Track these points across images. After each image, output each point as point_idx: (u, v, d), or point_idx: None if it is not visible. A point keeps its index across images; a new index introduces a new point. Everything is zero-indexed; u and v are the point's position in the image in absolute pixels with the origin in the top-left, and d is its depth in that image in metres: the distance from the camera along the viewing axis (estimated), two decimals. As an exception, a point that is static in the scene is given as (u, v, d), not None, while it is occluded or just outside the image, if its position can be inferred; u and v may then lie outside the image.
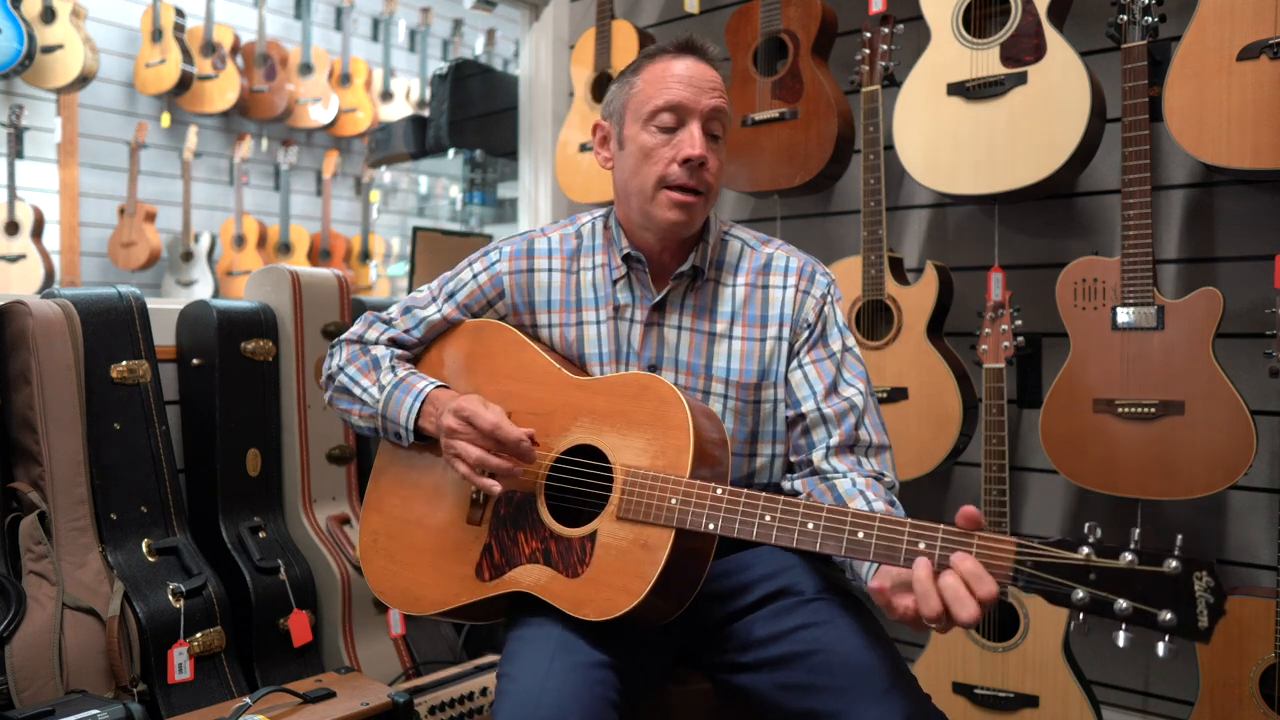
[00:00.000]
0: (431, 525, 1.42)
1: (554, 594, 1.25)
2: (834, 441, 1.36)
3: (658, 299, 1.42)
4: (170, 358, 2.20)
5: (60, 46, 3.78)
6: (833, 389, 1.39)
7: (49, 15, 3.77)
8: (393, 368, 1.48)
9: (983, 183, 2.14)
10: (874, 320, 2.34)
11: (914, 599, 1.02)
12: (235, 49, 4.51)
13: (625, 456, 1.26)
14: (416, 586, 1.41)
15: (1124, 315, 1.99)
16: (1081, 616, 0.95)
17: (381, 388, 1.45)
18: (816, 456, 1.37)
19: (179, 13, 4.29)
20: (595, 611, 1.20)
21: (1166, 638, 0.91)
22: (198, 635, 1.90)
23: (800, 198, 2.68)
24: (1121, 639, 0.93)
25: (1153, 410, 1.96)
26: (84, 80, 3.85)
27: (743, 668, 1.29)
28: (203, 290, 4.43)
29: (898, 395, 2.29)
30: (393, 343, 1.53)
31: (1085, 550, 0.94)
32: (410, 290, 3.08)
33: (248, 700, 1.58)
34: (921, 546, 1.03)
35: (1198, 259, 2.17)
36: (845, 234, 2.68)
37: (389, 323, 1.54)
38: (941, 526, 1.03)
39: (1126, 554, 0.92)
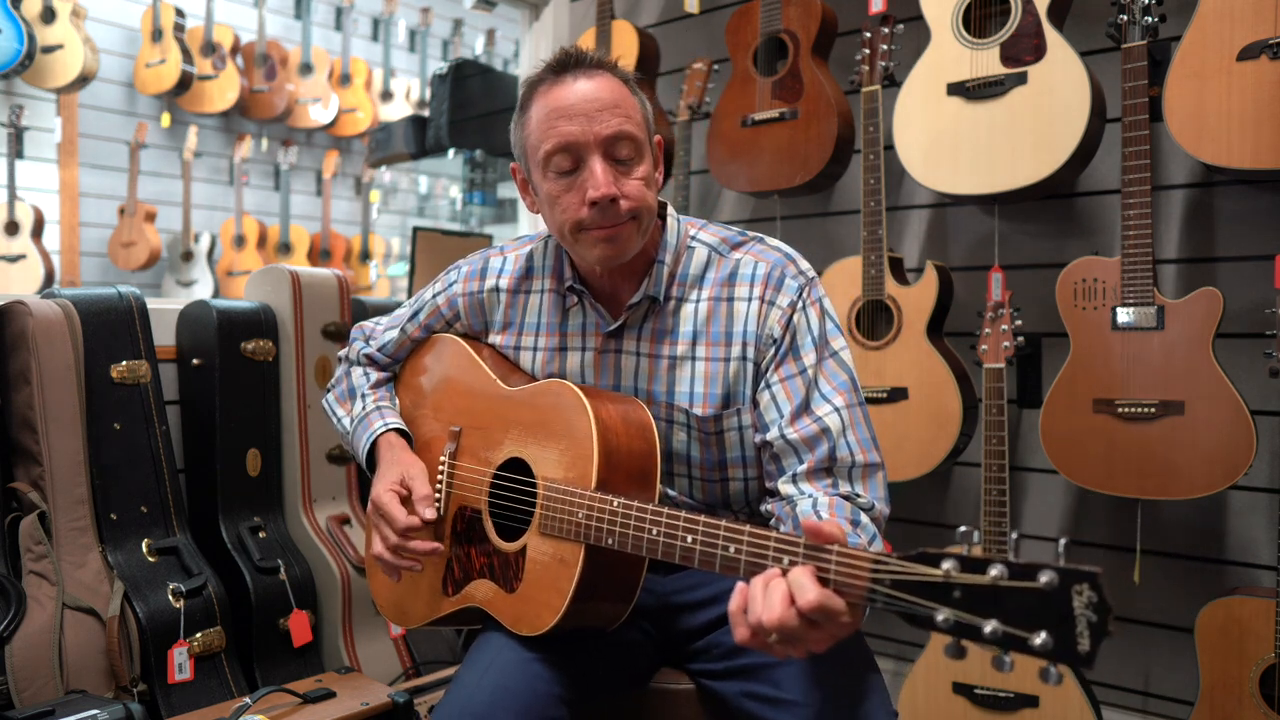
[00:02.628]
0: None
1: (497, 609, 1.27)
2: (803, 468, 1.23)
3: (613, 326, 1.33)
4: (170, 358, 2.20)
5: (60, 46, 3.78)
6: (803, 410, 1.24)
7: (49, 15, 3.77)
8: (364, 397, 1.51)
9: (983, 183, 2.14)
10: (874, 320, 2.34)
11: (741, 599, 0.95)
12: (235, 49, 4.52)
13: (544, 469, 1.25)
14: (403, 600, 1.45)
15: (1124, 315, 1.99)
16: (958, 641, 0.83)
17: (353, 420, 1.50)
18: (783, 484, 1.25)
19: (179, 13, 4.29)
20: (527, 627, 1.21)
21: (1051, 664, 0.79)
22: (198, 635, 1.90)
23: (800, 198, 2.68)
24: (1005, 663, 0.82)
25: (1153, 410, 1.96)
26: (84, 80, 3.85)
27: (717, 674, 1.29)
28: (203, 290, 4.43)
29: (898, 395, 2.29)
30: (369, 360, 1.57)
31: (946, 565, 0.83)
32: (410, 291, 3.09)
33: (248, 700, 1.58)
34: (786, 563, 0.95)
35: (1198, 259, 2.17)
36: (845, 234, 2.68)
37: (368, 339, 1.58)
38: (803, 540, 0.95)
39: (994, 567, 0.80)
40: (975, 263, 2.44)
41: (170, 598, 1.89)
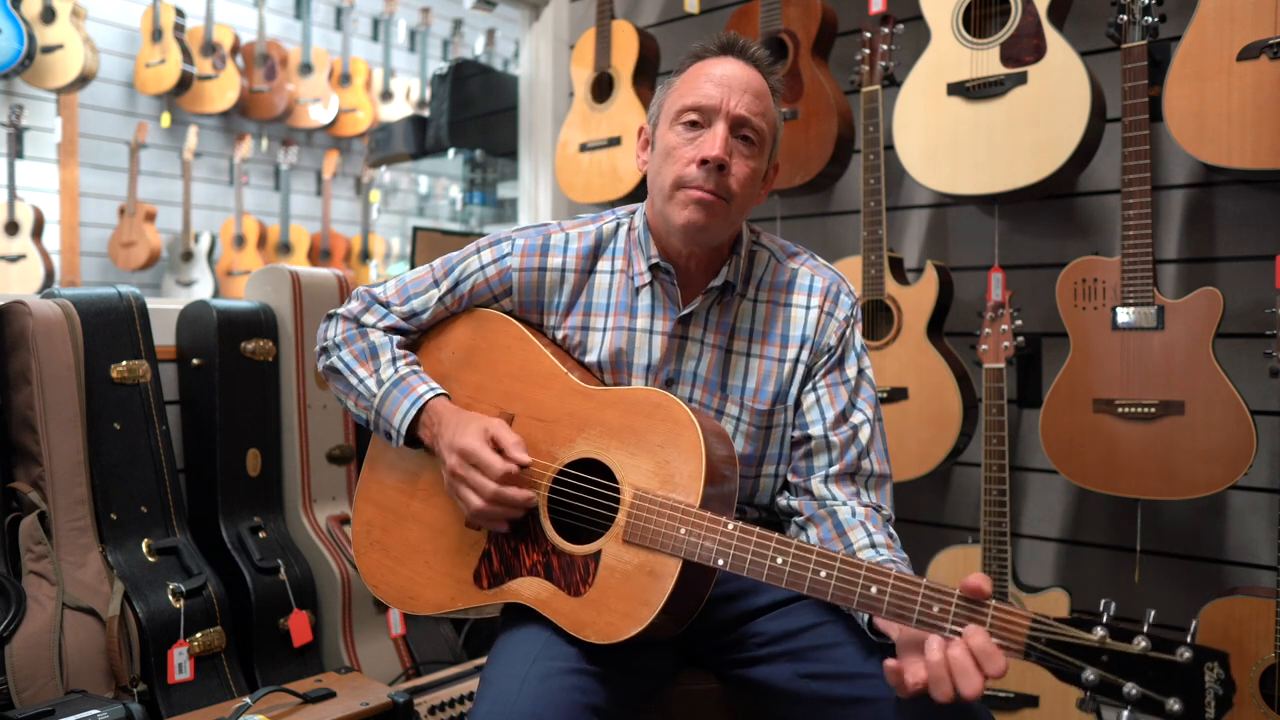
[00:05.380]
0: (428, 523, 1.39)
1: (555, 611, 1.23)
2: (834, 470, 1.34)
3: (685, 312, 1.37)
4: (170, 358, 2.20)
5: (60, 46, 3.78)
6: (843, 416, 1.36)
7: (49, 15, 3.77)
8: (393, 360, 1.41)
9: (983, 183, 2.14)
10: (874, 320, 2.34)
11: (925, 673, 1.02)
12: (235, 49, 4.52)
13: (633, 477, 1.22)
14: (413, 585, 1.38)
15: (1124, 315, 1.99)
16: (1088, 694, 0.96)
17: (380, 383, 1.39)
18: (815, 482, 1.34)
19: (179, 13, 4.29)
20: (597, 635, 1.18)
21: None
22: (198, 635, 1.90)
23: (800, 198, 2.68)
24: (1124, 717, 0.95)
25: (1153, 410, 1.96)
26: (84, 80, 3.85)
27: (760, 660, 1.28)
28: (203, 290, 4.43)
29: (898, 395, 2.29)
30: (391, 329, 1.46)
31: (1100, 632, 0.95)
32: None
33: (248, 700, 1.58)
34: (935, 610, 1.03)
35: (1198, 259, 2.17)
36: (845, 234, 2.68)
37: (386, 306, 1.46)
38: (956, 592, 1.03)
39: (1140, 639, 0.93)
40: (975, 263, 2.44)
41: (170, 598, 1.89)
